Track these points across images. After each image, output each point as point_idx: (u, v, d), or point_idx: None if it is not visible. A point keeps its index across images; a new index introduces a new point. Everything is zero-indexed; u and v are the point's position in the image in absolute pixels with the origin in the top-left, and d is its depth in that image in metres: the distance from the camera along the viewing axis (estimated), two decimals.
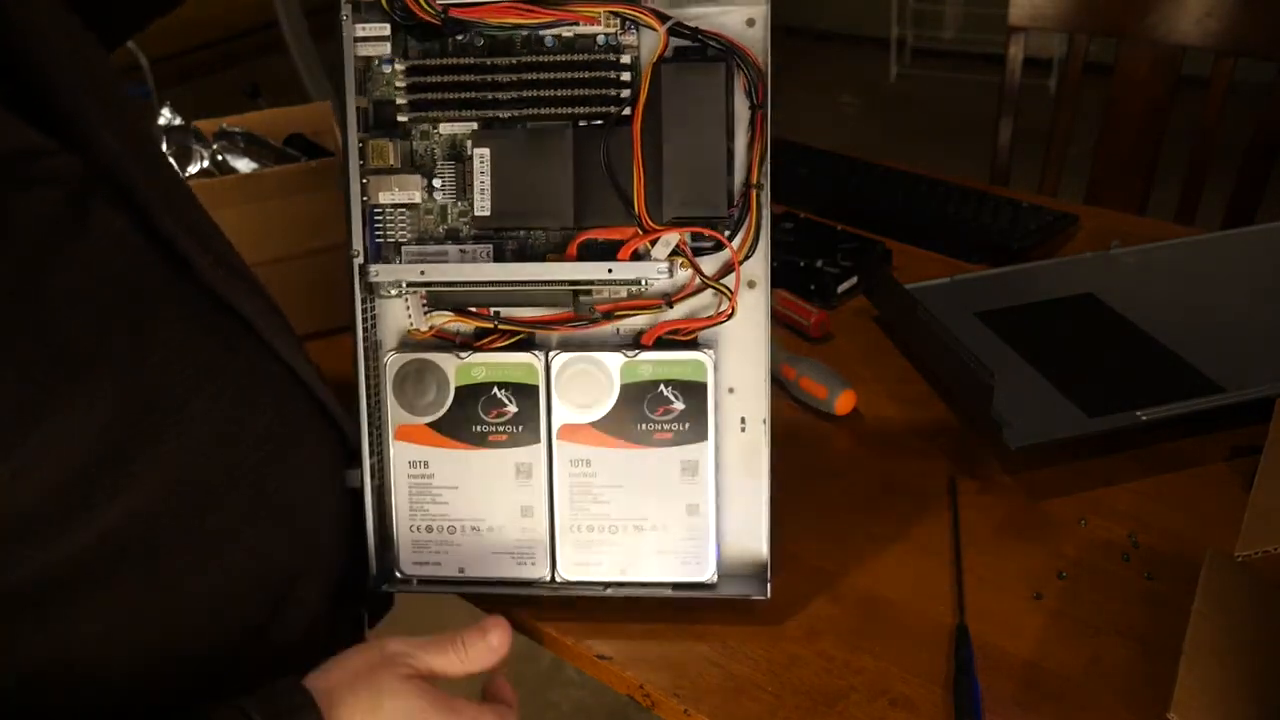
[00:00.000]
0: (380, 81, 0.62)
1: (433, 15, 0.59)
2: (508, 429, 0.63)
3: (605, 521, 0.63)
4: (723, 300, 0.62)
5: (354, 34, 0.61)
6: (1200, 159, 1.30)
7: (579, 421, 0.63)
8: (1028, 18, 1.37)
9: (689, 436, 0.63)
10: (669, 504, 0.63)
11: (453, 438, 0.63)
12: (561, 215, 0.61)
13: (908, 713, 0.59)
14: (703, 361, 0.63)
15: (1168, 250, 1.00)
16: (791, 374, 0.84)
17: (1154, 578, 0.66)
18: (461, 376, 0.63)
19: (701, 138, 0.60)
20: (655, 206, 0.60)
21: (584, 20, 0.60)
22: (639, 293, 0.63)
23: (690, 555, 0.63)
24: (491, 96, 0.60)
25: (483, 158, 0.61)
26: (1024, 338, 0.87)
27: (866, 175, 1.18)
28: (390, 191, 0.62)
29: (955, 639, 0.63)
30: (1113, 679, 0.60)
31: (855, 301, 0.99)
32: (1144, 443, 0.77)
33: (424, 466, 0.63)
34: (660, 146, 0.60)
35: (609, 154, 0.60)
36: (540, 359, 0.63)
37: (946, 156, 3.14)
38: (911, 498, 0.74)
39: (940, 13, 3.94)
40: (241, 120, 1.02)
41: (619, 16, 0.60)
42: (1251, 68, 1.24)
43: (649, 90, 0.60)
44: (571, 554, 0.63)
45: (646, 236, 0.60)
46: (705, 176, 0.60)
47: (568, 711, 1.61)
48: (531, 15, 0.59)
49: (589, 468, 0.63)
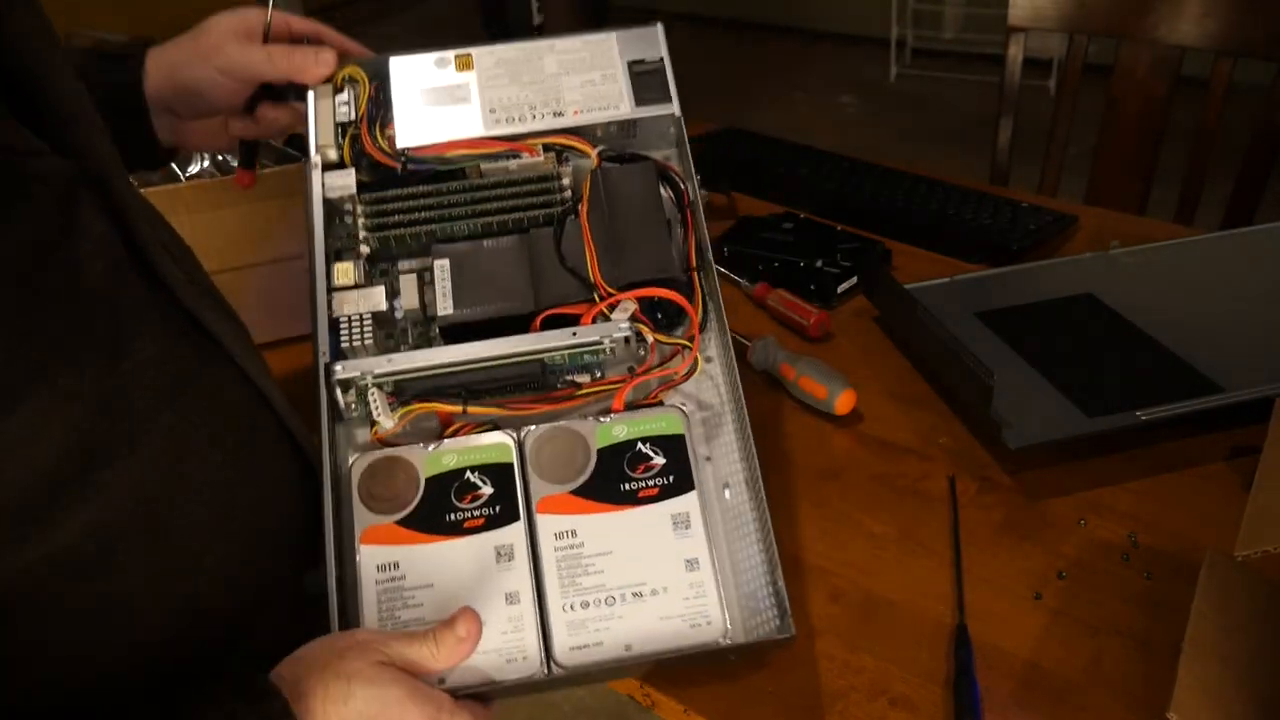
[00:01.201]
0: (345, 217, 0.67)
1: (393, 158, 0.67)
2: (484, 512, 0.59)
3: (600, 594, 0.57)
4: (686, 365, 0.64)
5: (320, 184, 0.66)
6: (1200, 159, 1.30)
7: (558, 492, 0.60)
8: (1028, 18, 1.37)
9: (675, 489, 0.60)
10: (665, 563, 0.58)
11: (425, 531, 0.58)
12: (523, 301, 0.64)
13: (908, 713, 0.59)
14: (676, 416, 0.62)
15: (1168, 250, 1.00)
16: (791, 374, 0.84)
17: (1154, 578, 0.66)
18: (431, 467, 0.60)
19: (644, 216, 0.66)
20: (610, 277, 0.64)
21: (525, 151, 0.68)
22: (602, 369, 0.65)
23: (697, 616, 0.57)
24: (448, 217, 0.66)
25: (442, 267, 0.64)
26: (1024, 338, 0.87)
27: (866, 175, 1.18)
28: (354, 304, 0.64)
29: (955, 639, 0.63)
30: (1113, 679, 0.60)
31: (855, 301, 0.99)
32: (1144, 443, 0.77)
33: (394, 569, 0.57)
34: (606, 230, 0.65)
35: (560, 244, 0.65)
36: (512, 436, 0.61)
37: (946, 156, 3.14)
38: (911, 498, 0.74)
39: (940, 13, 3.94)
40: None
41: (555, 149, 0.69)
42: (1251, 68, 1.24)
43: (591, 190, 0.66)
44: (566, 638, 0.56)
45: (605, 303, 0.63)
46: (652, 245, 0.65)
47: (568, 712, 1.61)
48: (479, 147, 0.67)
49: (575, 538, 0.58)
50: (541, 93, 0.69)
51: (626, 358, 0.65)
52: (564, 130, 0.68)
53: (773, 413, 0.84)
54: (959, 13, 3.91)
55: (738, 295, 1.01)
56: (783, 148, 1.27)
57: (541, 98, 0.69)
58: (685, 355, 0.64)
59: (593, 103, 0.69)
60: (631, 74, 0.70)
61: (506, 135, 0.68)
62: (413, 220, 0.66)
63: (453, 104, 0.69)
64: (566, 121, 0.68)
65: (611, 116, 0.69)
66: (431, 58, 0.70)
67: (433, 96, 0.69)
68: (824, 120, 3.61)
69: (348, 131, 0.68)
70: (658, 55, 0.72)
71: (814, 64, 4.13)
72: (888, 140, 3.41)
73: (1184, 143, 1.32)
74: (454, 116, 0.68)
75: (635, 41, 0.72)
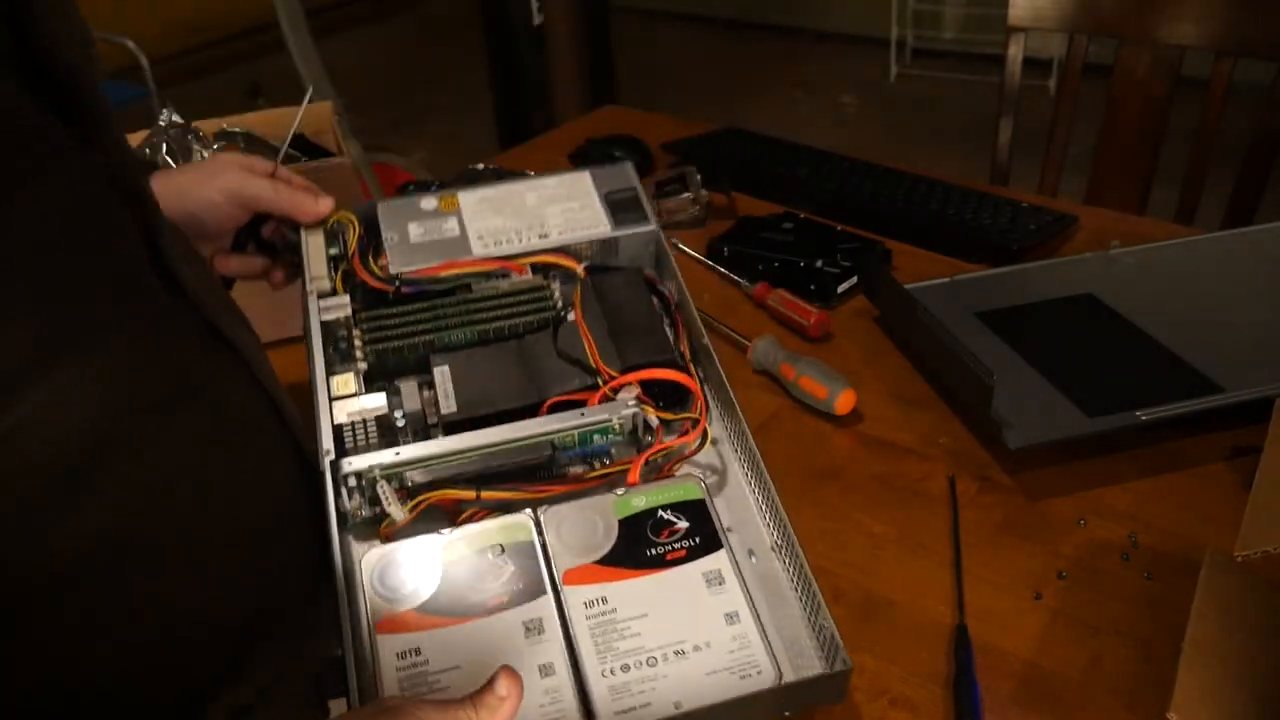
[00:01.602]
0: (341, 342, 0.69)
1: (387, 283, 0.70)
2: (507, 589, 0.56)
3: (640, 655, 0.54)
4: (695, 438, 0.64)
5: (319, 309, 0.68)
6: (1200, 159, 1.30)
7: (583, 563, 0.58)
8: (1028, 18, 1.37)
9: (703, 549, 0.58)
10: (705, 620, 0.55)
11: (445, 615, 0.56)
12: (526, 394, 0.65)
13: (908, 713, 0.59)
14: (694, 484, 0.61)
15: (1168, 250, 1.00)
16: (791, 374, 0.84)
17: (1154, 578, 0.67)
18: (447, 554, 0.58)
19: (636, 310, 0.69)
20: (611, 364, 0.66)
21: (514, 269, 0.71)
22: (610, 455, 0.65)
23: (747, 666, 0.54)
24: (444, 327, 0.68)
25: (442, 372, 0.66)
26: (1024, 338, 0.87)
27: (866, 175, 1.18)
28: (356, 410, 0.64)
29: (955, 639, 0.63)
30: (1113, 679, 0.60)
31: (855, 301, 0.99)
32: (1144, 443, 0.77)
33: (415, 654, 0.54)
34: (601, 327, 0.68)
35: (558, 341, 0.67)
36: (529, 515, 0.60)
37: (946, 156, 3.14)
38: (911, 498, 0.74)
39: (940, 13, 3.94)
40: (241, 120, 1.02)
41: (542, 268, 0.72)
42: (1251, 68, 1.24)
43: (582, 295, 0.69)
44: (610, 703, 0.53)
45: (609, 385, 0.64)
46: (648, 334, 0.68)
47: None
48: (470, 267, 0.71)
49: (606, 605, 0.56)
50: (525, 220, 0.74)
51: (633, 444, 0.65)
52: (549, 249, 0.72)
53: (773, 413, 0.84)
54: (959, 13, 3.91)
55: (738, 295, 1.01)
56: (783, 148, 1.27)
57: (526, 224, 0.73)
58: (694, 429, 0.64)
59: (574, 225, 0.74)
60: (608, 202, 0.75)
61: (496, 256, 0.72)
62: (409, 333, 0.67)
63: (441, 236, 0.73)
64: (551, 241, 0.72)
65: (593, 235, 0.73)
66: (417, 200, 0.75)
67: (421, 230, 0.73)
68: (824, 120, 3.61)
69: (340, 266, 0.71)
70: (630, 185, 0.77)
71: (814, 64, 4.13)
72: (888, 140, 3.41)
73: (1184, 143, 1.32)
74: (443, 246, 0.72)
75: (608, 177, 0.77)
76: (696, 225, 1.13)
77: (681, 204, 1.13)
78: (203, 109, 1.09)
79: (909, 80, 3.90)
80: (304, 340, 0.68)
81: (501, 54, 2.87)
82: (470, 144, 3.53)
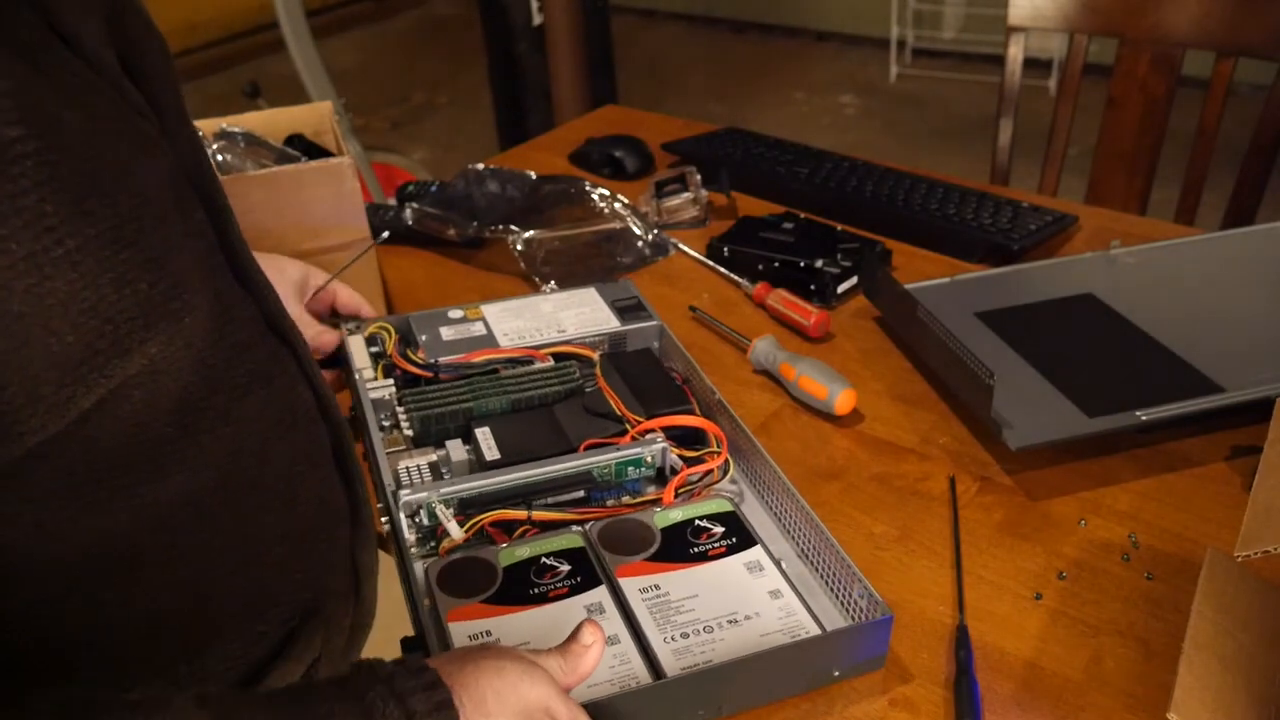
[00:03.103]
0: (387, 415, 0.78)
1: (426, 369, 0.80)
2: (566, 583, 0.63)
3: (698, 624, 0.61)
4: (719, 463, 0.72)
5: (367, 390, 0.77)
6: (1200, 159, 1.30)
7: (633, 560, 0.65)
8: (1028, 18, 1.37)
9: (740, 546, 0.66)
10: (752, 597, 0.62)
11: (512, 604, 0.62)
12: (561, 444, 0.73)
13: (908, 713, 0.59)
14: (725, 500, 0.70)
15: (1168, 250, 1.00)
16: (791, 374, 0.84)
17: (1154, 578, 0.66)
18: (506, 559, 0.64)
19: (652, 374, 0.80)
20: (636, 414, 0.75)
21: (538, 357, 0.83)
22: (639, 490, 0.73)
23: (796, 629, 0.60)
24: (481, 396, 0.77)
25: (484, 433, 0.74)
26: (1024, 338, 0.87)
27: (866, 175, 1.18)
28: (408, 460, 0.73)
29: (955, 639, 0.63)
30: (1113, 679, 0.60)
31: (855, 301, 0.99)
32: (1144, 443, 0.77)
33: (486, 635, 0.60)
34: (624, 387, 0.78)
35: (585, 402, 0.78)
36: (578, 529, 0.67)
37: (946, 156, 3.14)
38: (912, 498, 0.74)
39: (940, 13, 3.94)
40: (241, 120, 1.02)
41: (563, 358, 0.83)
42: (1251, 68, 1.24)
43: (602, 369, 0.80)
44: (674, 661, 0.58)
45: (637, 429, 0.74)
46: (666, 389, 0.79)
47: None
48: (499, 353, 0.83)
49: (659, 590, 0.63)
50: (543, 321, 0.87)
51: (662, 484, 0.73)
52: (567, 341, 0.85)
53: (773, 413, 0.84)
54: (959, 13, 3.91)
55: (738, 295, 1.01)
56: (783, 148, 1.27)
57: (544, 324, 0.87)
58: (714, 459, 0.72)
59: (587, 323, 0.87)
60: (614, 307, 0.89)
61: (521, 346, 0.84)
62: (449, 402, 0.76)
63: (470, 335, 0.85)
64: (569, 334, 0.86)
65: (604, 330, 0.87)
66: (445, 312, 0.88)
67: (451, 332, 0.86)
68: (824, 120, 3.61)
69: (379, 362, 0.82)
70: (632, 295, 0.91)
71: (814, 64, 4.13)
72: (888, 140, 3.41)
73: (1184, 143, 1.32)
74: (473, 342, 0.84)
75: (611, 291, 0.92)
76: (696, 225, 1.13)
77: (682, 204, 1.13)
78: (203, 109, 1.09)
79: (909, 80, 3.90)
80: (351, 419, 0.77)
81: (501, 54, 2.87)
82: (470, 144, 3.54)
